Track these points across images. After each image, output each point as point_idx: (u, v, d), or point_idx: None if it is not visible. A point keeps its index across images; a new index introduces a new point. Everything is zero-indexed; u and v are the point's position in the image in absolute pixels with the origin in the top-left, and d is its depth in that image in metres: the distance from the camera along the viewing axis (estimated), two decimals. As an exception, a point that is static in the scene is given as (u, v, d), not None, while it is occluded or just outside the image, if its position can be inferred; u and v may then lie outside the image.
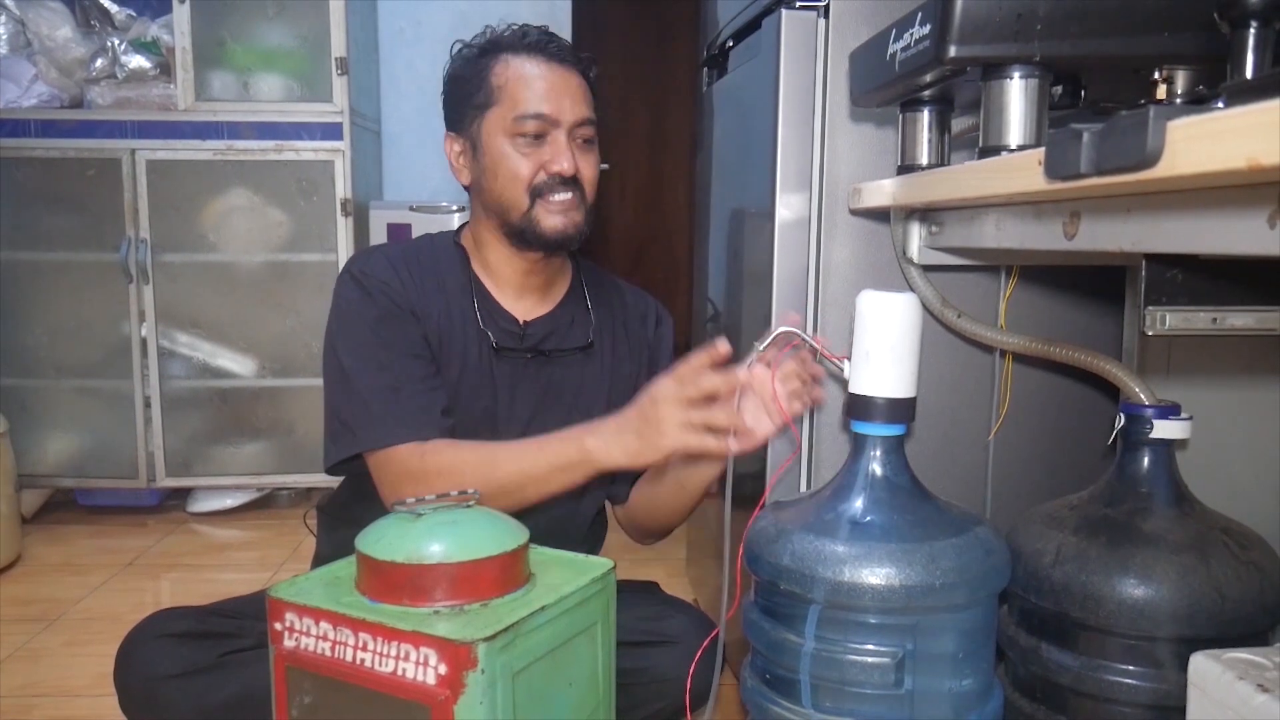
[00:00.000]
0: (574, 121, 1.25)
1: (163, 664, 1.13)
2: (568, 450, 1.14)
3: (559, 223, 1.25)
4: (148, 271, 2.75)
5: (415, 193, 3.26)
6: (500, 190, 1.26)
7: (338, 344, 1.26)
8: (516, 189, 1.25)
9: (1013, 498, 1.43)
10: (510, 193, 1.25)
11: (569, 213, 1.26)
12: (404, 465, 1.18)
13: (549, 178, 1.24)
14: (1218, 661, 0.83)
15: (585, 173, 1.27)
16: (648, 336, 1.41)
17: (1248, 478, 1.26)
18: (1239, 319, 1.16)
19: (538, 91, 1.24)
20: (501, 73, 1.25)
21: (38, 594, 2.23)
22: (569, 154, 1.24)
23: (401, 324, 1.25)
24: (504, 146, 1.25)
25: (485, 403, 1.28)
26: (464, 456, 1.18)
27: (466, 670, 0.81)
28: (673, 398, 1.07)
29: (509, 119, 1.24)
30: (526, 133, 1.24)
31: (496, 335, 1.29)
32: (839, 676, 0.93)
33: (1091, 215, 0.86)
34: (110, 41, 2.76)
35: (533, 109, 1.23)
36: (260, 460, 2.87)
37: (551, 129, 1.24)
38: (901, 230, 1.28)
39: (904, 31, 0.99)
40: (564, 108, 1.24)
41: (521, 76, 1.25)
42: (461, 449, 1.19)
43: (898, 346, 0.98)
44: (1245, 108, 0.53)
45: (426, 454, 1.18)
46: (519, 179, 1.24)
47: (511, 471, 1.15)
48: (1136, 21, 0.87)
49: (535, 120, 1.23)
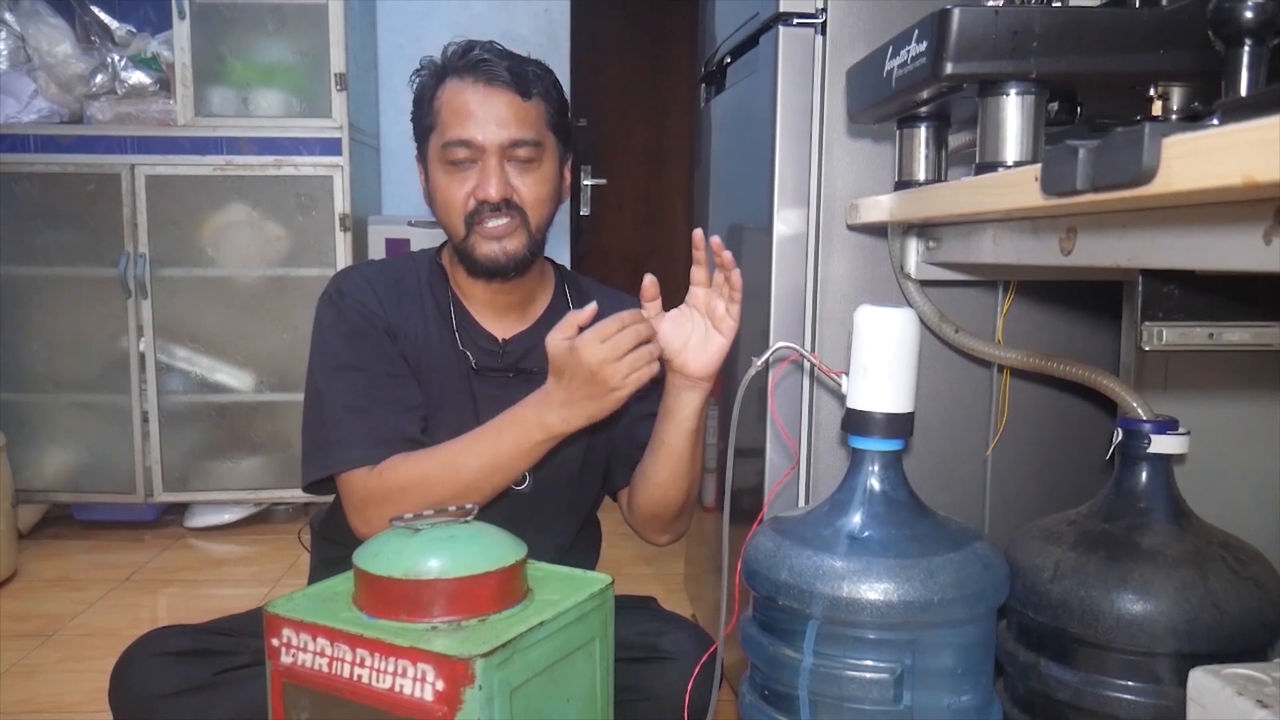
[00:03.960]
0: (500, 144, 1.22)
1: (158, 683, 1.12)
2: (530, 434, 1.15)
3: (492, 250, 1.24)
4: (146, 286, 2.75)
5: (414, 208, 3.26)
6: (441, 217, 1.26)
7: (314, 364, 1.27)
8: (452, 217, 1.24)
9: (1011, 513, 1.43)
10: (447, 221, 1.25)
11: (504, 240, 1.23)
12: (363, 488, 1.19)
13: (478, 204, 1.22)
14: (1217, 677, 0.83)
15: (524, 194, 1.24)
16: None
17: (1246, 493, 1.26)
18: (1235, 334, 1.16)
19: (464, 117, 1.22)
20: (441, 96, 1.25)
21: (34, 609, 2.22)
22: (497, 179, 1.21)
23: (375, 342, 1.25)
24: (438, 174, 1.25)
25: (466, 422, 1.25)
26: (422, 466, 1.17)
27: (464, 686, 0.81)
28: (609, 359, 1.07)
29: (439, 146, 1.23)
30: (456, 160, 1.22)
31: (475, 355, 1.29)
32: (838, 692, 0.92)
33: (1088, 231, 0.86)
34: (110, 57, 2.77)
35: (457, 135, 1.22)
36: (257, 475, 2.87)
37: (479, 154, 1.22)
38: (899, 246, 1.29)
39: (901, 48, 0.99)
40: (489, 132, 1.21)
41: (451, 102, 1.23)
42: (417, 459, 1.18)
43: (895, 362, 0.98)
44: (1240, 125, 0.53)
45: (383, 473, 1.18)
46: (452, 208, 1.24)
47: (475, 468, 1.16)
48: (1132, 39, 0.87)
49: (461, 147, 1.22)
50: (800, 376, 1.39)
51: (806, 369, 1.38)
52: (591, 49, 4.00)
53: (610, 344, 1.08)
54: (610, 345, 1.08)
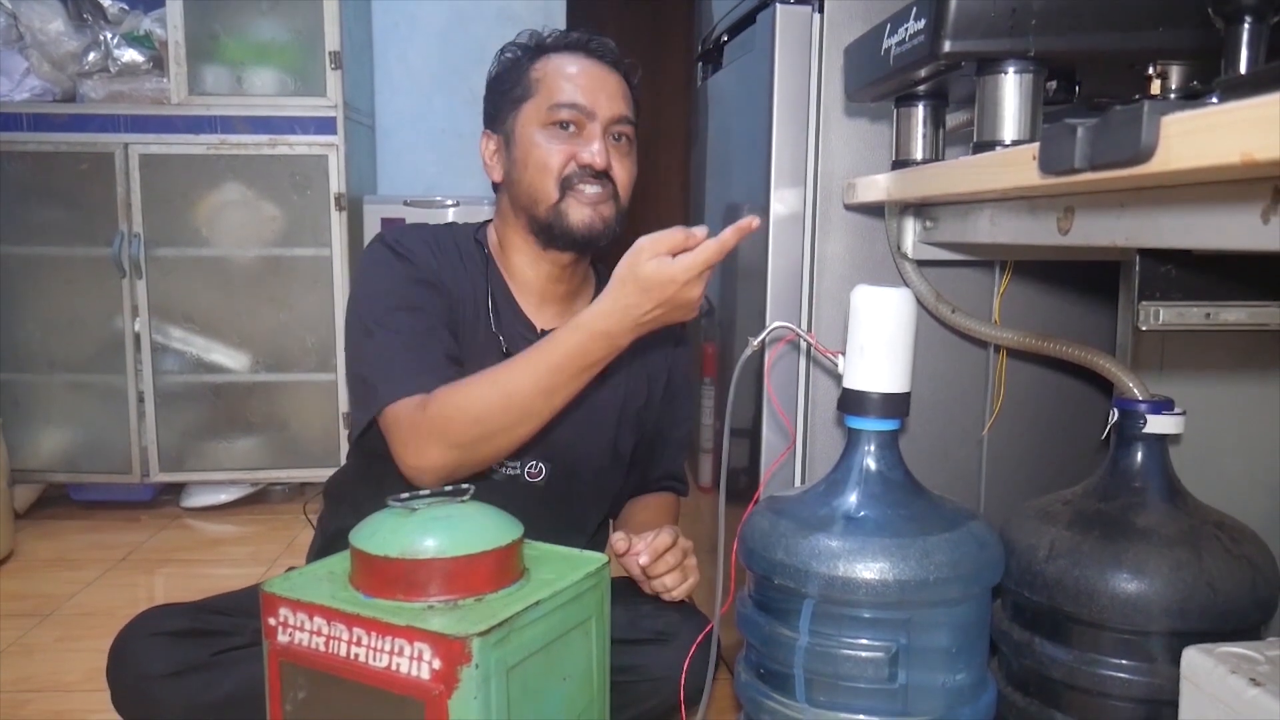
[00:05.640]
0: (610, 117, 1.24)
1: (155, 663, 1.12)
2: (596, 347, 1.08)
3: (587, 216, 1.24)
4: (141, 266, 2.74)
5: (409, 187, 3.26)
6: (530, 181, 1.25)
7: (362, 307, 1.23)
8: (546, 179, 1.23)
9: (1006, 492, 1.43)
10: (540, 183, 1.24)
11: (598, 206, 1.24)
12: (410, 420, 1.13)
13: (580, 169, 1.23)
14: (1210, 656, 0.83)
15: (619, 173, 1.26)
16: (665, 358, 1.41)
17: (1241, 472, 1.26)
18: (1232, 314, 1.16)
19: (575, 83, 1.23)
20: (541, 67, 1.26)
21: (31, 589, 2.22)
22: (602, 147, 1.23)
23: (430, 290, 1.24)
24: (536, 136, 1.24)
25: None
26: (470, 393, 1.11)
27: (461, 665, 0.81)
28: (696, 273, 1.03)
29: (544, 109, 1.24)
30: (561, 121, 1.23)
31: (509, 339, 1.28)
32: (833, 671, 0.93)
33: (1086, 210, 0.86)
34: (103, 35, 2.75)
35: (568, 99, 1.23)
36: (254, 455, 2.87)
37: (587, 121, 1.23)
38: (896, 225, 1.28)
39: (899, 26, 0.99)
40: (600, 101, 1.24)
41: (560, 70, 1.25)
42: (462, 387, 1.12)
43: (892, 341, 0.98)
44: (1239, 102, 0.53)
45: (428, 404, 1.13)
46: (549, 169, 1.23)
47: (529, 387, 1.10)
48: (1131, 16, 0.87)
49: (570, 110, 1.23)
50: (796, 356, 1.39)
51: (803, 349, 1.38)
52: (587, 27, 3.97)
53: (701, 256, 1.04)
54: (701, 256, 1.04)
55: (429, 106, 3.27)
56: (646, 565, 1.19)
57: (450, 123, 3.28)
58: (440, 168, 3.30)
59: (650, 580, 1.21)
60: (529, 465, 1.29)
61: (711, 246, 1.03)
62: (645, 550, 1.19)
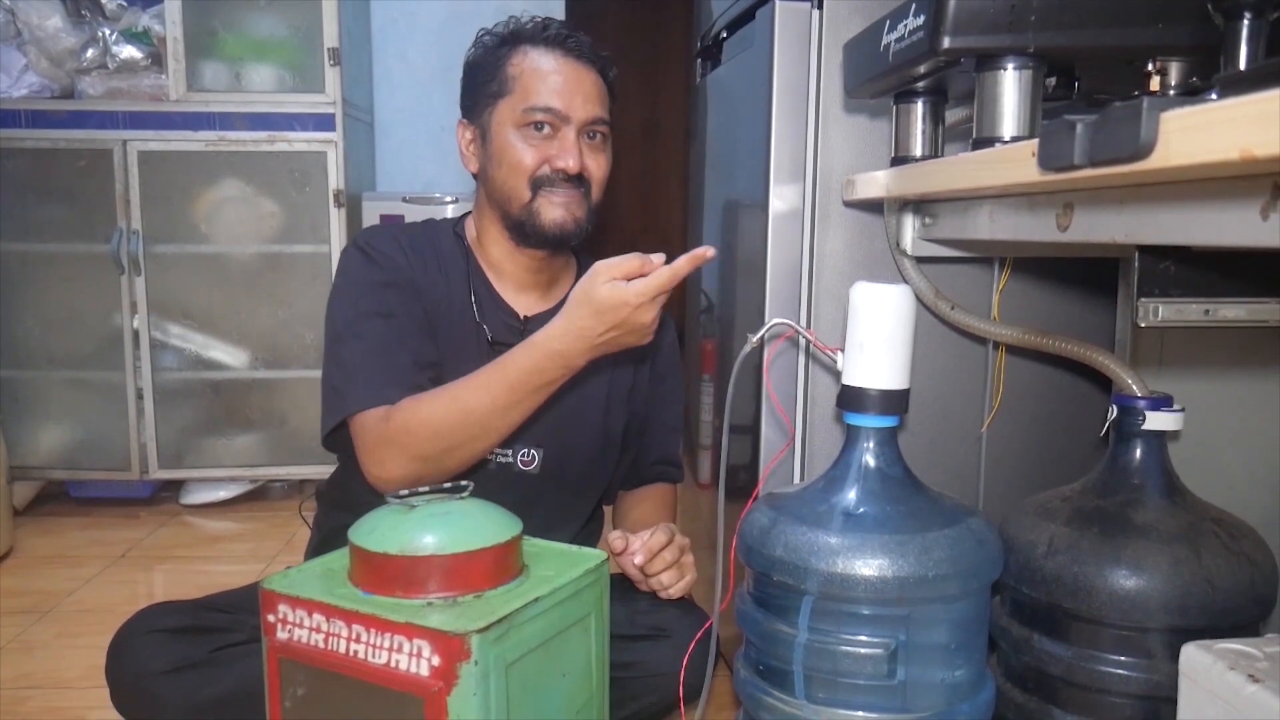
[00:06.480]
0: (585, 120, 1.25)
1: (154, 660, 1.12)
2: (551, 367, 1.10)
3: (559, 215, 1.25)
4: (139, 263, 2.73)
5: (408, 184, 3.25)
6: (503, 179, 1.25)
7: (335, 313, 1.25)
8: (519, 179, 1.24)
9: (1005, 489, 1.43)
10: (512, 182, 1.25)
11: (570, 206, 1.25)
12: (375, 430, 1.16)
13: (553, 173, 1.23)
14: (1209, 652, 0.83)
15: (593, 172, 1.26)
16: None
17: (1240, 469, 1.26)
18: (1231, 311, 1.16)
19: (551, 85, 1.23)
20: (518, 63, 1.25)
21: (30, 586, 2.22)
22: (575, 151, 1.23)
23: (401, 293, 1.25)
24: (511, 136, 1.24)
25: None
26: (430, 408, 1.14)
27: (460, 661, 0.81)
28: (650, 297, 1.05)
29: (519, 110, 1.24)
30: (535, 124, 1.23)
31: (493, 329, 1.29)
32: (832, 667, 0.93)
33: (1085, 207, 0.86)
34: (101, 31, 2.74)
35: (543, 102, 1.23)
36: (253, 452, 2.86)
37: (561, 124, 1.24)
38: (895, 222, 1.28)
39: (898, 23, 0.98)
40: (575, 104, 1.24)
41: (536, 69, 1.24)
42: (423, 401, 1.15)
43: (891, 338, 0.98)
44: (1238, 99, 0.52)
45: (391, 416, 1.15)
46: (522, 169, 1.24)
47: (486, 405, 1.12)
48: (1130, 13, 0.87)
49: (544, 113, 1.23)
50: (796, 353, 1.39)
51: (802, 345, 1.38)
52: (586, 24, 3.97)
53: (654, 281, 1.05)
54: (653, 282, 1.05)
55: (428, 103, 3.26)
56: (642, 564, 1.19)
57: (449, 119, 3.24)
58: (439, 164, 3.29)
59: (647, 579, 1.21)
60: (521, 453, 1.30)
61: (664, 273, 1.05)
62: (640, 549, 1.19)
